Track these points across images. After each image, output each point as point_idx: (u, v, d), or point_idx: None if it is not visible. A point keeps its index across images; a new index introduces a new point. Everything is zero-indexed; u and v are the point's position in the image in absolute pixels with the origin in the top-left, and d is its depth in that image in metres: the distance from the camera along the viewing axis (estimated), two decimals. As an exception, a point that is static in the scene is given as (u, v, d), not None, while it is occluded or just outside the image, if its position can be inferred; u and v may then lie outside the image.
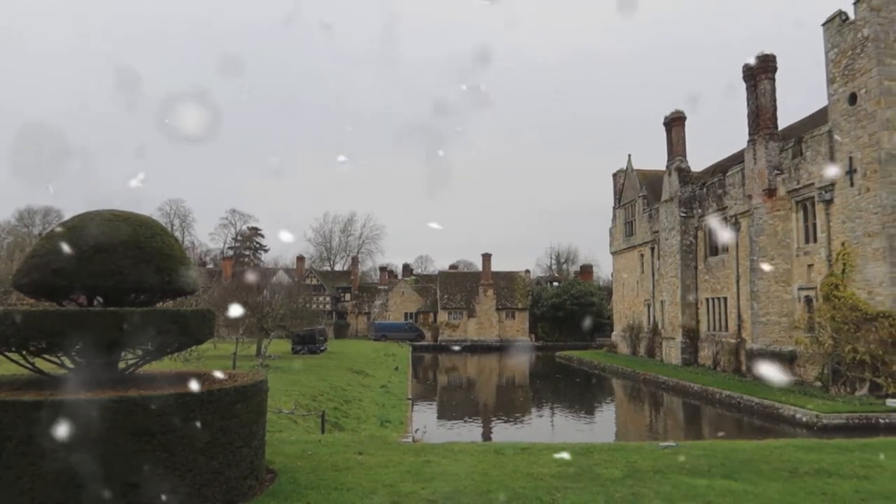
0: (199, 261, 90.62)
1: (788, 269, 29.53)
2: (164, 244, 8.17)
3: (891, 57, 23.90)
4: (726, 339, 34.58)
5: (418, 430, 18.81)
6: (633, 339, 47.68)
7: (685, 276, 38.84)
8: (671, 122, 41.55)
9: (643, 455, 10.49)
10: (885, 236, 23.48)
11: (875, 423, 20.54)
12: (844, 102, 25.63)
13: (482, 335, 70.17)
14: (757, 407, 24.63)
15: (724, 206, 35.15)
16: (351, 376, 30.07)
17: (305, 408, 18.36)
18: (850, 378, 24.01)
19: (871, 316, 23.53)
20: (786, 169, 29.66)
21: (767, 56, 31.23)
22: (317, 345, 41.41)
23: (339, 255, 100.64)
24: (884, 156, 23.62)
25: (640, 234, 47.46)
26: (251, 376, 8.35)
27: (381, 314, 75.40)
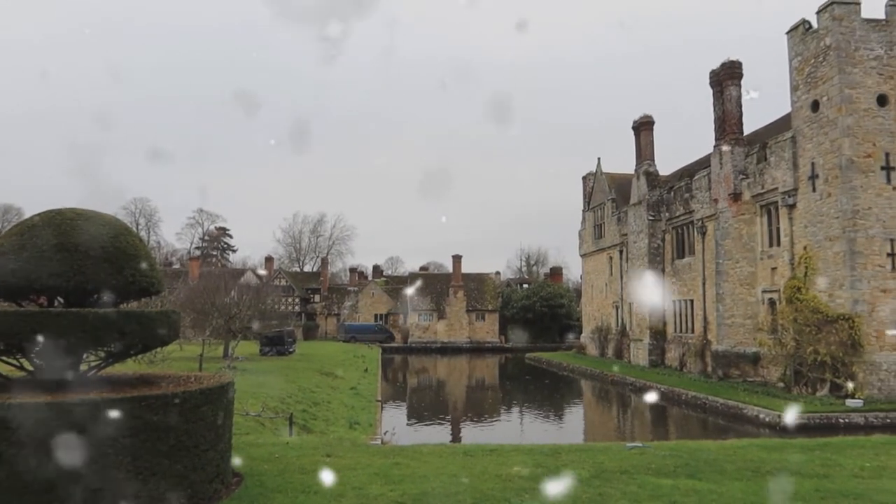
0: (166, 261, 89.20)
1: (753, 272, 30.10)
2: (128, 244, 8.02)
3: (852, 66, 24.51)
4: (692, 340, 35.10)
5: (387, 432, 18.76)
6: (601, 341, 48.13)
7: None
8: (640, 127, 42.06)
9: (610, 456, 10.59)
10: (846, 240, 24.05)
11: (835, 423, 21.02)
12: (807, 109, 26.20)
13: (452, 337, 70.24)
14: (722, 407, 25.03)
15: (691, 209, 35.68)
16: (320, 378, 29.84)
17: (273, 410, 18.16)
18: (811, 379, 24.53)
19: (831, 318, 24.08)
20: (751, 174, 30.22)
21: (733, 62, 31.81)
22: (285, 346, 41.02)
23: (308, 256, 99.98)
24: (844, 162, 24.20)
25: (608, 237, 47.95)
26: (217, 378, 8.25)
27: (351, 316, 75.01)
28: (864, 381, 23.29)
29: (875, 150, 24.23)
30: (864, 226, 23.96)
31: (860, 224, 23.96)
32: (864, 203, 24.02)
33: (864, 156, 24.20)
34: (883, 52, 24.64)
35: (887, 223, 23.98)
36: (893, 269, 23.88)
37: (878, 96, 24.44)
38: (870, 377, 23.39)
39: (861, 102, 24.35)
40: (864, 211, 23.99)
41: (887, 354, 23.59)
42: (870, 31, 24.73)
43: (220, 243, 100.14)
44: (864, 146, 24.22)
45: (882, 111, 24.40)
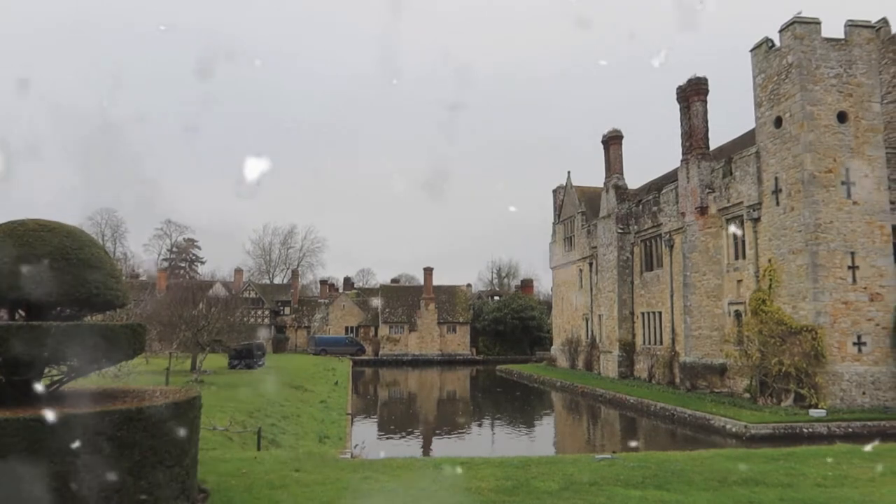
0: (132, 273, 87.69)
1: (719, 285, 30.59)
2: (93, 256, 7.89)
3: (813, 83, 25.18)
4: (661, 352, 35.49)
5: (357, 446, 18.62)
6: (571, 353, 48.43)
7: (622, 290, 39.74)
8: (609, 141, 42.64)
9: (579, 467, 10.65)
10: (808, 253, 24.60)
11: (799, 433, 21.41)
12: (771, 125, 26.82)
13: (424, 349, 70.05)
14: (690, 418, 25.31)
15: (659, 222, 36.20)
16: (289, 391, 29.54)
17: (241, 424, 17.92)
18: (776, 389, 24.96)
19: (795, 329, 24.56)
20: (717, 188, 30.78)
21: (699, 79, 32.46)
22: (254, 359, 40.52)
23: (278, 268, 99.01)
24: (807, 177, 24.79)
25: (578, 250, 48.38)
26: (184, 392, 8.13)
27: (322, 328, 74.40)
28: (826, 392, 23.77)
29: (835, 166, 24.87)
30: (826, 239, 24.54)
31: (822, 238, 24.53)
32: (825, 217, 24.61)
33: (825, 171, 24.82)
34: (842, 70, 25.36)
35: (847, 237, 24.60)
36: (854, 282, 24.47)
37: (837, 113, 25.12)
38: (832, 387, 23.88)
39: (822, 119, 25.00)
40: (825, 225, 24.58)
41: (849, 365, 24.13)
42: (829, 50, 25.45)
43: (189, 255, 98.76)
44: (825, 161, 24.85)
45: (842, 128, 25.07)
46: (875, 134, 25.33)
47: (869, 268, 24.62)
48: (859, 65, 25.52)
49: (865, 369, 24.17)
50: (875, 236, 24.81)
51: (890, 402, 23.80)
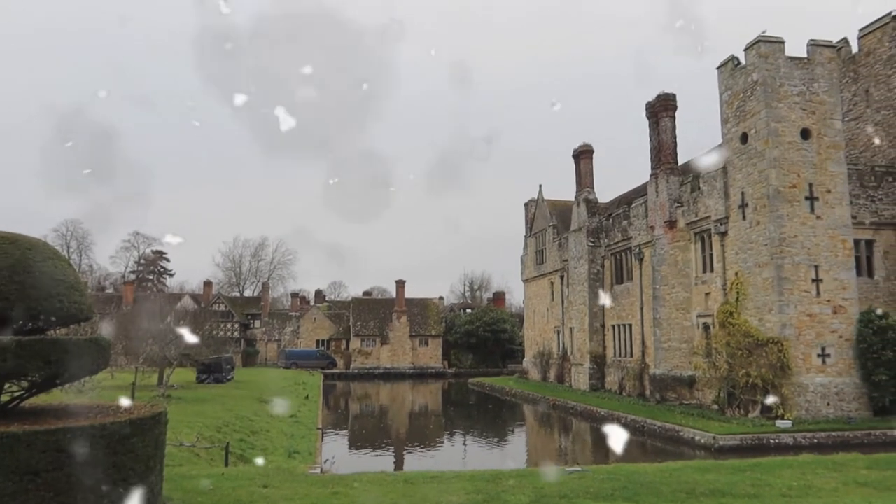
0: (98, 286, 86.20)
1: (688, 298, 31.00)
2: (56, 268, 7.74)
3: (777, 100, 25.77)
4: (631, 364, 35.78)
5: (327, 461, 18.42)
6: (543, 366, 48.58)
7: (593, 303, 40.04)
8: (580, 155, 43.08)
9: (550, 481, 10.66)
10: (774, 267, 25.06)
11: (766, 444, 21.71)
12: (737, 141, 27.36)
13: (395, 362, 69.73)
14: (659, 430, 25.52)
15: (629, 236, 36.62)
16: (259, 406, 29.14)
17: (209, 440, 17.63)
18: (743, 401, 25.29)
19: (761, 341, 24.96)
20: (685, 202, 31.27)
21: (668, 95, 33.01)
22: (223, 373, 39.94)
23: (249, 281, 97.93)
24: (772, 192, 25.31)
25: (550, 263, 48.68)
26: (149, 408, 7.99)
27: (293, 341, 73.66)
28: (792, 403, 24.16)
29: (799, 181, 25.43)
30: (791, 253, 25.03)
31: (787, 251, 25.02)
32: (790, 231, 25.12)
33: (789, 186, 25.36)
34: (805, 88, 26.01)
35: (811, 250, 25.12)
36: (818, 295, 24.97)
37: (801, 130, 25.72)
38: (798, 398, 24.28)
39: (786, 135, 25.57)
40: (790, 239, 25.08)
41: (814, 376, 24.57)
42: (793, 69, 26.09)
43: (157, 267, 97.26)
44: (789, 177, 25.40)
45: (805, 144, 25.68)
46: (837, 150, 25.98)
47: (832, 281, 25.16)
48: (821, 83, 26.19)
49: (830, 380, 24.63)
50: (838, 250, 25.39)
51: (853, 413, 24.27)
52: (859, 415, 24.26)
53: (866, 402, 24.57)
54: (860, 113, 31.20)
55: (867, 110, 30.81)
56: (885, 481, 10.77)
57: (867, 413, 24.42)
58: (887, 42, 29.65)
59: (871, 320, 24.77)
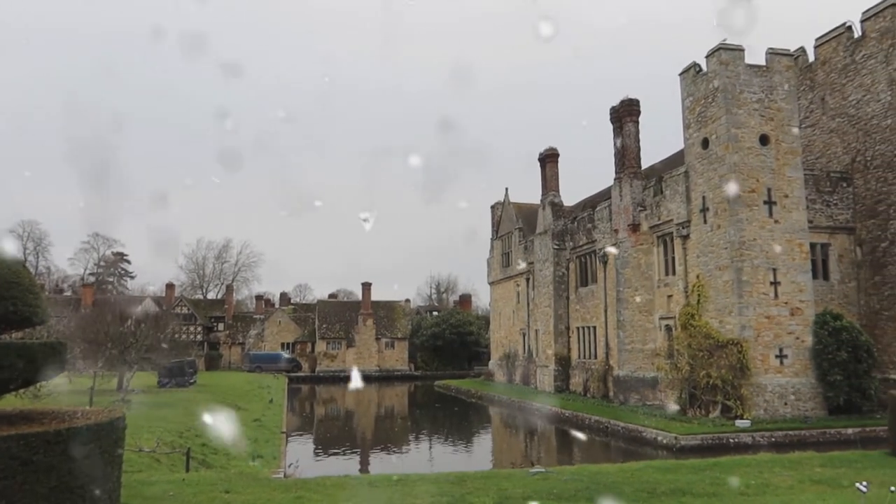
0: (56, 288, 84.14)
1: (651, 300, 31.46)
2: (10, 271, 7.54)
3: (737, 107, 26.33)
4: (595, 366, 36.15)
5: (291, 465, 18.25)
6: (509, 368, 48.81)
7: (558, 305, 40.38)
8: (545, 159, 43.42)
9: (514, 482, 10.73)
10: (734, 270, 25.59)
11: (726, 443, 22.12)
12: (698, 146, 27.88)
13: (361, 365, 69.33)
14: (623, 431, 25.84)
15: (594, 239, 37.02)
16: (222, 410, 28.72)
17: (170, 445, 17.33)
18: (704, 401, 25.75)
19: (721, 343, 25.45)
20: (648, 206, 31.74)
21: (632, 100, 33.48)
22: (185, 377, 39.30)
23: (212, 283, 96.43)
24: (732, 196, 25.83)
25: (515, 265, 48.94)
26: (107, 413, 7.83)
27: (257, 344, 72.78)
28: (751, 403, 24.67)
29: (758, 186, 26.01)
30: (750, 256, 25.58)
31: (746, 255, 25.56)
32: (749, 235, 25.67)
33: (748, 191, 25.92)
34: (764, 95, 26.62)
35: (770, 254, 25.71)
36: (776, 297, 25.56)
37: (760, 136, 26.31)
38: (756, 398, 24.80)
39: (745, 141, 26.14)
40: (749, 242, 25.63)
41: (772, 377, 25.13)
42: (752, 76, 26.69)
43: (118, 269, 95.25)
44: (748, 182, 25.96)
45: (764, 150, 26.27)
46: (794, 156, 26.64)
47: (789, 284, 25.78)
48: (779, 90, 26.84)
49: (787, 381, 25.22)
50: (795, 254, 26.02)
51: (809, 412, 24.88)
52: (815, 414, 24.88)
53: (822, 401, 25.21)
54: (816, 120, 32.04)
55: (823, 117, 31.67)
56: (838, 479, 11.07)
57: (822, 412, 25.06)
58: (842, 52, 30.52)
59: (826, 322, 25.45)
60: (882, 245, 28.05)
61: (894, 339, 27.24)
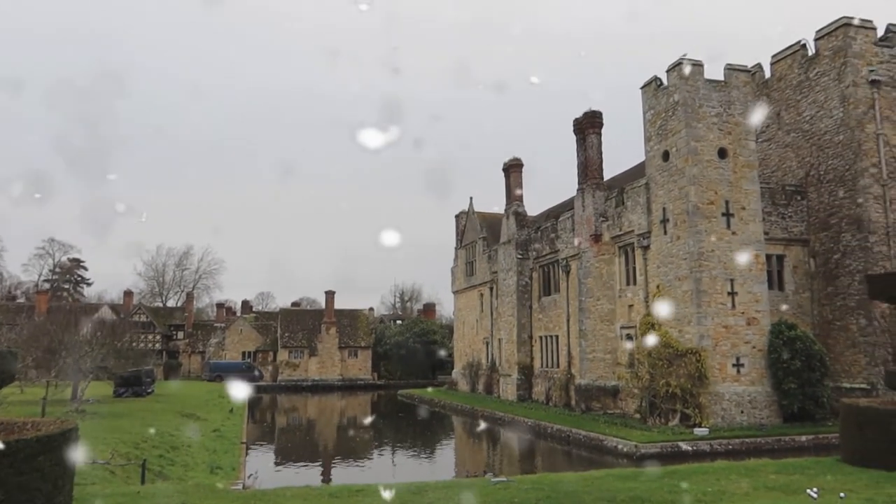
0: (8, 294, 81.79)
1: (612, 309, 31.85)
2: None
3: (697, 120, 26.90)
4: (558, 375, 36.43)
5: (251, 476, 18.01)
6: (472, 377, 48.88)
7: (521, 315, 40.61)
8: (509, 169, 43.76)
9: (475, 491, 10.74)
10: (693, 280, 26.07)
11: (685, 451, 22.43)
12: (659, 159, 28.39)
13: (324, 374, 68.74)
14: (584, 439, 26.04)
15: (557, 249, 37.38)
16: (180, 420, 28.19)
17: (125, 456, 16.93)
18: (664, 410, 26.12)
19: (681, 352, 25.87)
20: (610, 216, 32.19)
21: (595, 112, 33.98)
22: (143, 387, 38.48)
23: (172, 291, 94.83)
24: (691, 208, 26.36)
25: (480, 275, 49.13)
26: (59, 424, 7.63)
27: (217, 353, 71.62)
28: (709, 411, 25.10)
29: (717, 198, 26.59)
30: (708, 266, 26.10)
31: (705, 265, 26.07)
32: (707, 246, 26.20)
33: (707, 203, 26.47)
34: (722, 109, 27.27)
35: (727, 265, 26.26)
36: (733, 307, 26.10)
37: (718, 149, 26.91)
38: (714, 407, 25.25)
39: (704, 154, 26.71)
40: (707, 253, 26.16)
41: (729, 385, 25.62)
42: (711, 91, 27.33)
43: (74, 276, 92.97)
44: (707, 194, 26.52)
45: (722, 163, 26.88)
46: (751, 170, 27.31)
47: (746, 294, 26.35)
48: (737, 105, 27.52)
49: (744, 389, 25.74)
50: (751, 265, 26.63)
51: (765, 420, 25.43)
52: (770, 422, 25.43)
53: (777, 409, 25.78)
54: (772, 135, 32.91)
55: (778, 132, 32.54)
56: (791, 485, 11.32)
57: (778, 420, 25.63)
58: (797, 69, 31.43)
59: (781, 332, 26.07)
60: (834, 257, 28.88)
61: (846, 349, 28.01)
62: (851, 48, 28.62)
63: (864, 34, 28.94)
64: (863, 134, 28.12)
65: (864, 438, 13.23)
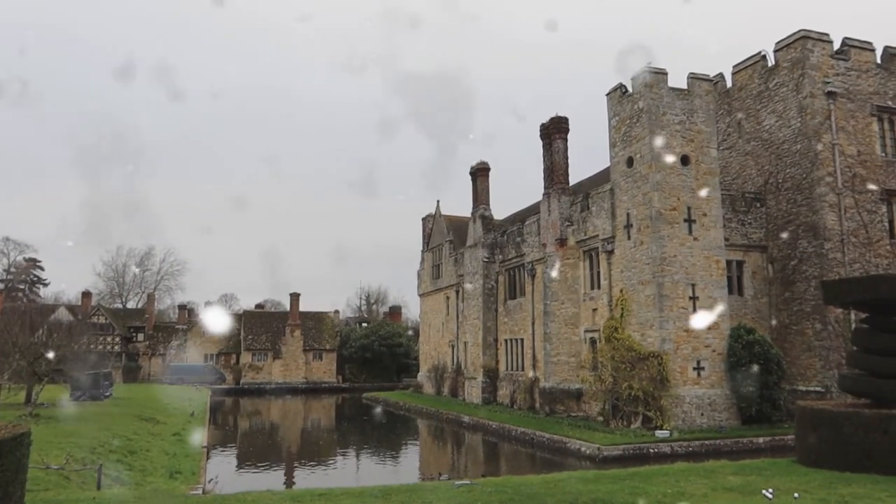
0: (-40, 295, 79.07)
1: (577, 313, 32.16)
2: None
3: (660, 128, 27.34)
4: (522, 378, 36.62)
5: (211, 481, 17.73)
6: (437, 380, 48.86)
7: (487, 318, 40.75)
8: (477, 173, 43.92)
9: (439, 495, 10.73)
10: (655, 284, 26.46)
11: (647, 453, 22.75)
12: (623, 165, 28.77)
13: (288, 377, 68.06)
14: (548, 442, 26.22)
15: (523, 252, 37.61)
16: (139, 424, 27.60)
17: (81, 461, 16.50)
18: (626, 412, 26.44)
19: (643, 356, 26.23)
20: (575, 221, 32.50)
21: (561, 118, 34.29)
22: (101, 390, 37.57)
23: (133, 292, 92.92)
24: (654, 213, 26.76)
25: (446, 278, 49.17)
26: (10, 429, 7.42)
27: (179, 356, 70.38)
28: (670, 414, 25.48)
29: (679, 204, 27.04)
30: (671, 272, 26.52)
31: (667, 270, 26.49)
32: (670, 251, 26.62)
33: (670, 209, 26.91)
34: (685, 117, 27.76)
35: (689, 270, 26.72)
36: (694, 311, 26.55)
37: (681, 156, 27.38)
38: (675, 409, 25.64)
39: (668, 161, 27.12)
40: (670, 258, 26.58)
41: (690, 388, 26.05)
42: (675, 99, 27.80)
43: (30, 276, 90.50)
44: (670, 200, 26.96)
45: (685, 170, 27.35)
46: (712, 177, 27.85)
47: (707, 298, 26.84)
48: (699, 113, 28.04)
49: (704, 392, 26.20)
50: (712, 270, 27.14)
51: (724, 422, 25.90)
52: (729, 424, 25.92)
53: (735, 412, 26.29)
54: (733, 143, 33.61)
55: (739, 141, 33.25)
56: (748, 486, 11.56)
57: (736, 422, 26.14)
58: (757, 79, 32.17)
59: (740, 336, 26.62)
60: (791, 263, 29.58)
61: (802, 352, 28.71)
62: (809, 60, 29.40)
63: (821, 47, 29.77)
64: (819, 144, 28.88)
65: (818, 440, 13.57)
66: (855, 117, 29.70)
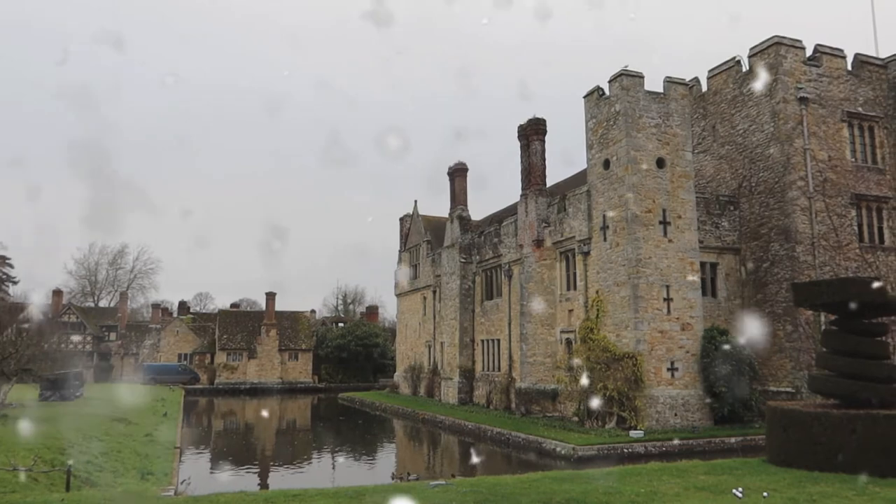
0: (-74, 293, 77.35)
1: (553, 314, 32.32)
2: None
3: (637, 130, 27.59)
4: (499, 378, 36.72)
5: (184, 482, 17.54)
6: (414, 380, 48.82)
7: (464, 318, 40.80)
8: (454, 173, 43.96)
9: (414, 495, 10.72)
10: (630, 286, 26.70)
11: (621, 453, 22.94)
12: (600, 167, 28.99)
13: (263, 377, 67.55)
14: (523, 442, 26.32)
15: (500, 253, 37.72)
16: (110, 425, 27.16)
17: (49, 463, 16.22)
18: (601, 413, 26.63)
19: (618, 356, 26.45)
20: (552, 222, 32.67)
21: (539, 120, 34.45)
22: (71, 390, 36.95)
23: (105, 291, 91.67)
24: (630, 215, 27.00)
25: (423, 278, 49.14)
26: (-24, 429, 7.26)
27: (152, 355, 69.57)
28: (644, 414, 25.72)
29: (654, 206, 27.31)
30: (646, 273, 26.77)
31: (642, 272, 26.74)
32: (645, 253, 26.88)
33: (645, 211, 27.16)
34: (661, 121, 28.05)
35: (664, 271, 27.01)
36: (668, 313, 26.84)
37: (657, 159, 27.66)
38: (649, 410, 25.89)
39: (643, 163, 27.41)
40: (645, 260, 26.83)
41: (663, 389, 26.32)
42: (651, 102, 28.08)
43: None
44: (645, 202, 27.22)
45: (660, 172, 27.64)
46: (687, 180, 28.17)
47: (681, 300, 27.15)
48: (675, 117, 28.36)
49: (677, 392, 26.49)
50: (686, 271, 27.45)
51: (697, 423, 26.20)
52: (702, 424, 26.23)
53: (708, 412, 26.62)
54: (708, 147, 34.03)
55: (714, 144, 33.68)
56: (720, 485, 11.70)
57: (709, 422, 26.46)
58: (731, 84, 32.61)
59: (713, 337, 26.97)
60: (764, 265, 30.02)
61: (773, 354, 29.15)
62: (782, 66, 29.88)
63: (794, 53, 30.26)
64: (791, 148, 29.37)
65: (788, 440, 13.79)
66: (826, 123, 30.25)
